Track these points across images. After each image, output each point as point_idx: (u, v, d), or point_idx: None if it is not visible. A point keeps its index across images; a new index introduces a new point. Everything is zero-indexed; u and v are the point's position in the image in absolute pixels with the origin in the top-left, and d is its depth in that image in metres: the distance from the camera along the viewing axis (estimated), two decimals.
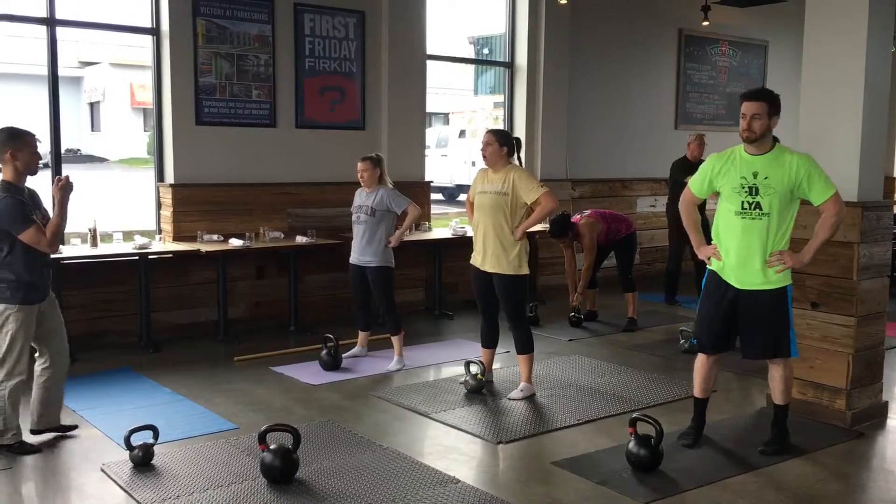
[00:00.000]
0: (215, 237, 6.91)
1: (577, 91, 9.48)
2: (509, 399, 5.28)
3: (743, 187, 4.22)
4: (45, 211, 4.35)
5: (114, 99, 28.43)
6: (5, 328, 4.21)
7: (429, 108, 8.68)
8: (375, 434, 4.70)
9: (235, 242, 6.72)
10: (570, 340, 6.98)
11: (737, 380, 5.81)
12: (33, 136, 4.24)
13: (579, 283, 7.45)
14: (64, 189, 4.23)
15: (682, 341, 6.58)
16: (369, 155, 6.11)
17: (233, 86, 7.20)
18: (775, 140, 4.27)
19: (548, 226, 7.34)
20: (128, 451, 4.16)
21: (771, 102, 4.19)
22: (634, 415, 4.27)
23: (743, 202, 4.23)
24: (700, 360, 4.54)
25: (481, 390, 5.43)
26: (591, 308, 7.69)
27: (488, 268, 5.25)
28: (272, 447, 4.01)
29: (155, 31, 7.02)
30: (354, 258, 6.12)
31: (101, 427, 4.72)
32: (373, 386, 5.66)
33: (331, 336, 6.01)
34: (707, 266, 4.47)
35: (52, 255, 4.50)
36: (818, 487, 4.02)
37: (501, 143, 5.23)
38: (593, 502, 3.83)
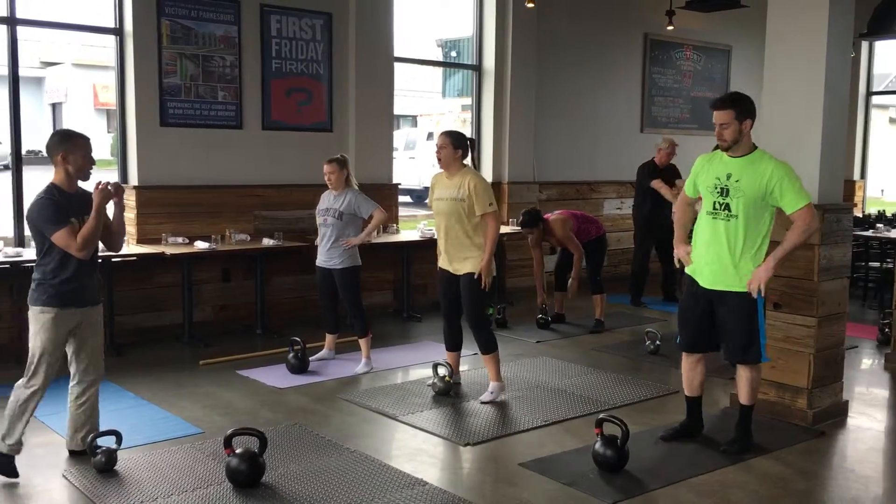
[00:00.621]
0: (180, 240, 6.83)
1: (545, 94, 9.53)
2: (481, 402, 5.27)
3: (716, 187, 4.28)
4: (106, 217, 4.09)
5: (76, 100, 27.98)
6: (32, 329, 4.05)
7: (396, 111, 8.67)
8: (343, 437, 4.68)
9: (201, 245, 6.65)
10: (537, 342, 7.01)
11: None
12: (87, 139, 4.09)
13: (570, 276, 7.47)
14: (103, 193, 3.99)
15: (647, 342, 6.64)
16: (335, 157, 6.09)
17: (198, 87, 7.13)
18: (755, 146, 4.30)
19: (520, 217, 7.41)
20: (91, 457, 4.09)
21: (738, 108, 4.21)
22: (601, 415, 4.30)
23: (714, 202, 4.28)
24: (683, 360, 4.63)
25: (449, 392, 5.43)
26: (559, 310, 7.74)
27: (454, 269, 5.26)
28: (238, 451, 3.97)
29: (118, 32, 6.92)
30: (321, 261, 6.09)
31: (63, 433, 4.64)
32: (340, 389, 5.64)
33: (297, 339, 5.98)
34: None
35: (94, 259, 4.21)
36: (781, 486, 4.08)
37: (456, 146, 5.20)
38: (560, 503, 3.84)
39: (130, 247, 6.74)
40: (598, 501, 3.84)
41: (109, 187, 4.02)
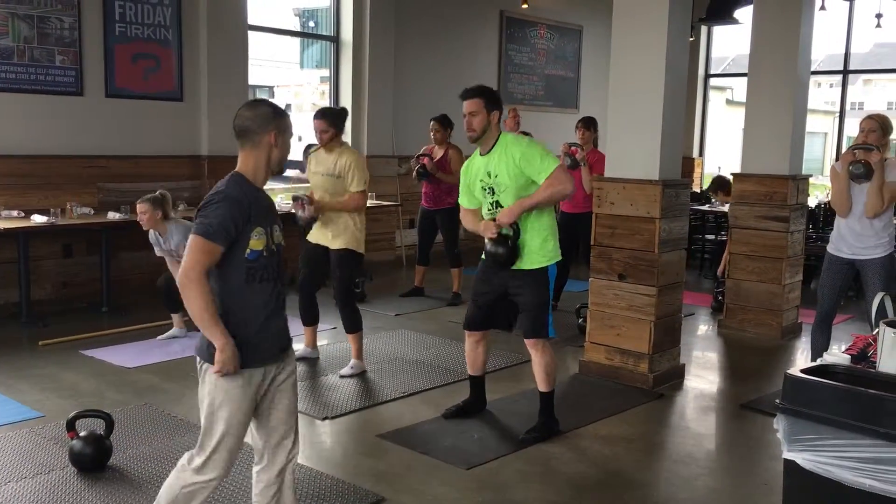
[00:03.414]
0: (15, 213, 6.40)
1: (404, 68, 9.54)
2: (340, 376, 5.28)
3: (485, 190, 4.19)
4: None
5: None
6: (203, 392, 2.76)
7: (252, 81, 8.43)
8: (195, 415, 4.52)
9: (38, 219, 6.25)
10: (396, 315, 7.07)
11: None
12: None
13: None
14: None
15: None
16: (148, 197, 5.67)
17: (33, 50, 6.66)
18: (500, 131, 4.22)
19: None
20: None
21: (487, 98, 4.13)
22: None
23: (489, 205, 4.21)
24: (466, 339, 4.56)
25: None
26: (418, 284, 7.81)
27: (324, 242, 5.22)
28: (82, 434, 3.80)
29: None
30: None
31: None
32: (192, 367, 5.43)
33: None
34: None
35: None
36: (623, 446, 4.32)
37: (335, 127, 5.17)
38: (417, 471, 3.92)
39: None
40: (453, 468, 3.94)
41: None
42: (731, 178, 7.56)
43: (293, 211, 5.23)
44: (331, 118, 5.19)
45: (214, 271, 2.64)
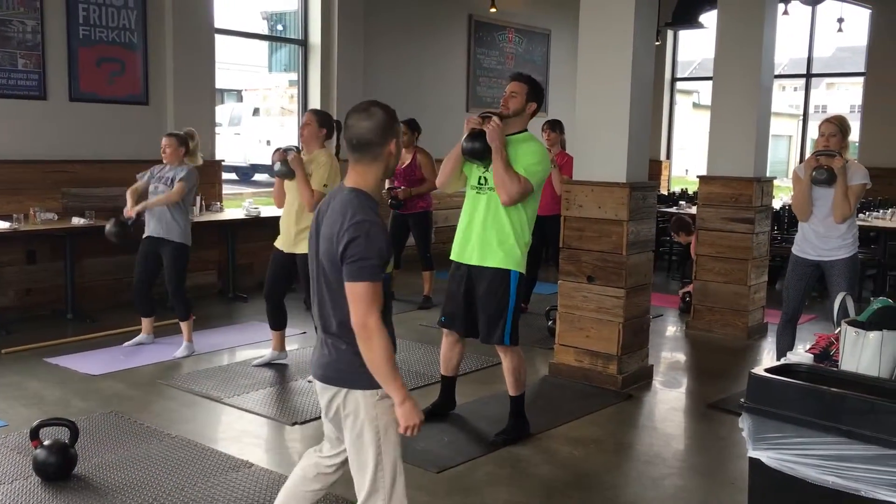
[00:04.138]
0: None
1: (372, 71, 9.52)
2: (308, 381, 5.21)
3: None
4: None
5: None
6: (357, 427, 2.55)
7: (220, 85, 8.37)
8: (163, 423, 4.51)
9: (1, 225, 6.16)
10: None
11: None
12: None
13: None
14: None
15: None
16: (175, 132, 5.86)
17: None
18: (526, 130, 4.29)
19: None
20: None
21: (532, 86, 4.23)
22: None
23: (478, 178, 4.24)
24: (443, 338, 4.55)
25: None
26: None
27: (289, 247, 5.19)
28: (46, 443, 3.74)
29: None
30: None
31: None
32: (160, 373, 5.42)
33: None
34: None
35: None
36: (593, 446, 4.35)
37: (321, 125, 5.18)
38: None
39: None
40: (423, 471, 3.94)
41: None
42: (689, 219, 7.64)
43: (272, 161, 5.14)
44: (317, 114, 5.31)
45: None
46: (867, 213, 8.76)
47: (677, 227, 8.11)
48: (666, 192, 11.80)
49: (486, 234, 4.20)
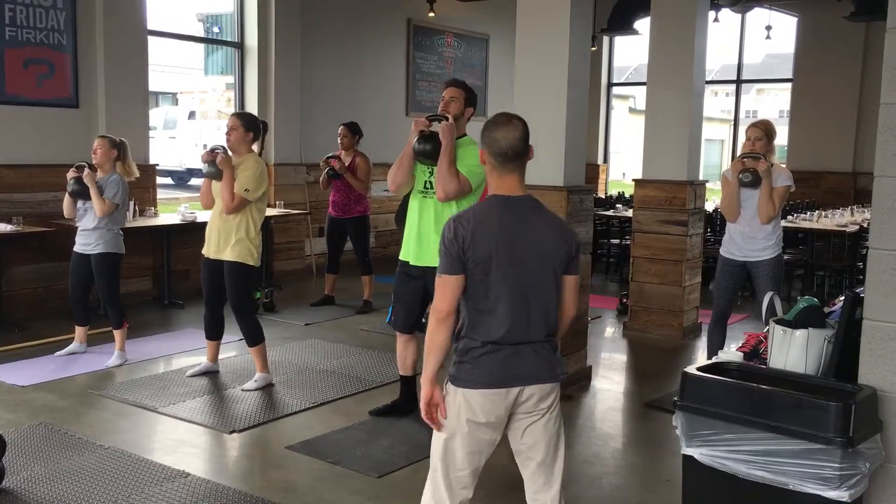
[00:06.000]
0: None
1: (311, 75, 9.45)
2: (243, 390, 5.16)
3: (430, 168, 4.37)
4: None
5: None
6: (557, 421, 2.73)
7: (154, 87, 8.21)
8: (96, 434, 4.39)
9: None
10: (306, 325, 6.99)
11: None
12: None
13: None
14: None
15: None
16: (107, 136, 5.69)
17: None
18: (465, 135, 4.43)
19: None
20: None
21: (469, 92, 4.44)
22: None
23: (424, 182, 4.38)
24: (397, 339, 4.63)
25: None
26: (329, 293, 7.75)
27: (215, 255, 5.08)
28: None
29: None
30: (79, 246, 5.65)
31: None
32: (92, 383, 5.28)
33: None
34: None
35: None
36: None
37: (247, 129, 5.05)
38: (328, 482, 3.88)
39: None
40: (364, 476, 3.92)
41: None
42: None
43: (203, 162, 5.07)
44: (243, 118, 5.14)
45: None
46: (795, 215, 9.04)
47: None
48: (603, 196, 11.98)
49: (435, 237, 4.25)
